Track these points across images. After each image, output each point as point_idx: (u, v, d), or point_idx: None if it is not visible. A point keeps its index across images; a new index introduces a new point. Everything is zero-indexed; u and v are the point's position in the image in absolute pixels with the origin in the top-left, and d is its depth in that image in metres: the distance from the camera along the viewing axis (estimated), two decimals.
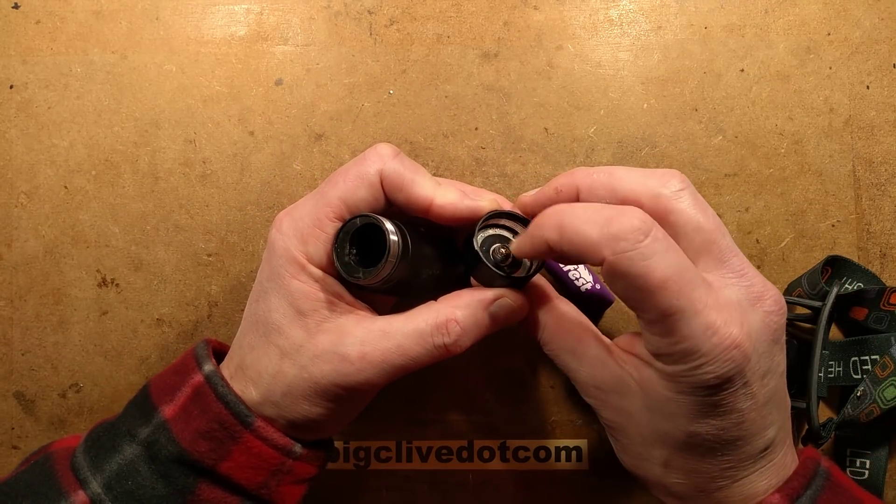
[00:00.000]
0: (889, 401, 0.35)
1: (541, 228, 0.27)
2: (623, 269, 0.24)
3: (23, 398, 0.41)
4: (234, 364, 0.30)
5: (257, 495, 0.29)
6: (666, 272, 0.24)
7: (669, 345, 0.25)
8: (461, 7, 0.41)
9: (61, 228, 0.41)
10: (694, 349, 0.25)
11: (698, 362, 0.25)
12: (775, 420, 0.27)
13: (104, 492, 0.27)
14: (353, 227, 0.28)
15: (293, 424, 0.30)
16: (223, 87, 0.41)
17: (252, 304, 0.31)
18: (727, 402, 0.26)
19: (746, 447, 0.27)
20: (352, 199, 0.29)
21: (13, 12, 0.42)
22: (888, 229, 0.40)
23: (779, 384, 0.27)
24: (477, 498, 0.40)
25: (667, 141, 0.40)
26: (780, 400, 0.28)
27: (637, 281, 0.24)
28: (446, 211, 0.30)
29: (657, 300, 0.24)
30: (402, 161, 0.30)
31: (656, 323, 0.25)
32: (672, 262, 0.24)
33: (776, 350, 0.27)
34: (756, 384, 0.26)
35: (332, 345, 0.29)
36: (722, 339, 0.25)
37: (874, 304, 0.37)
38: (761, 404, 0.26)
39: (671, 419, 0.27)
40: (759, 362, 0.26)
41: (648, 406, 0.28)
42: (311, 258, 0.29)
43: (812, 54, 0.41)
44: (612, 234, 0.24)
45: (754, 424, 0.26)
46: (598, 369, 0.29)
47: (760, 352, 0.26)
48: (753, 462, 0.27)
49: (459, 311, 0.29)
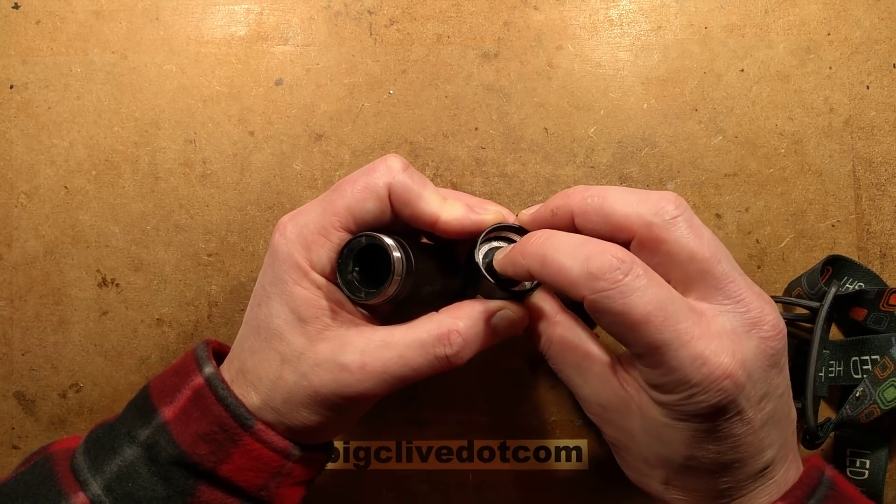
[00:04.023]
0: (889, 402, 0.35)
1: (524, 257, 0.27)
2: (603, 307, 0.25)
3: (23, 398, 0.41)
4: (234, 368, 0.30)
5: (257, 497, 0.29)
6: (647, 308, 0.24)
7: (659, 376, 0.26)
8: (461, 7, 0.41)
9: (61, 228, 0.41)
10: (684, 380, 0.25)
11: (689, 392, 0.25)
12: (774, 440, 0.27)
13: (104, 493, 0.27)
14: (357, 245, 0.28)
15: (292, 430, 0.29)
16: (223, 87, 0.41)
17: (253, 307, 0.31)
18: (722, 428, 0.26)
19: (745, 468, 0.27)
20: (359, 211, 0.29)
21: (13, 12, 0.42)
22: (888, 229, 0.40)
23: (778, 405, 0.27)
24: (477, 498, 0.40)
25: (667, 141, 0.40)
26: (780, 419, 0.27)
27: (619, 318, 0.25)
28: (452, 227, 0.30)
29: (641, 335, 0.25)
30: (411, 175, 0.30)
31: (644, 356, 0.26)
32: (653, 297, 0.25)
33: (773, 374, 0.27)
34: (751, 410, 0.26)
35: (333, 353, 0.29)
36: (712, 369, 0.25)
37: (873, 304, 0.37)
38: (758, 428, 0.26)
39: (668, 444, 0.27)
40: (755, 388, 0.26)
41: (647, 429, 0.28)
42: (314, 265, 0.29)
43: (812, 54, 0.40)
44: (591, 274, 0.25)
45: (751, 447, 0.26)
46: (601, 387, 0.29)
47: (756, 378, 0.26)
48: (753, 481, 0.27)
49: (461, 323, 0.29)
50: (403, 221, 0.31)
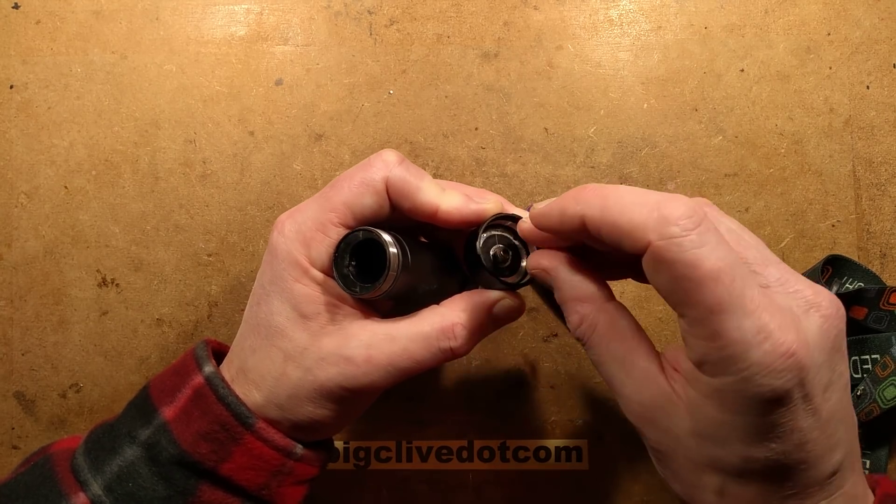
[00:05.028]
0: (889, 400, 0.35)
1: (578, 202, 0.25)
2: (671, 256, 0.22)
3: (23, 398, 0.41)
4: (234, 367, 0.30)
5: (258, 496, 0.29)
6: (717, 264, 0.22)
7: (715, 349, 0.23)
8: (461, 7, 0.41)
9: (61, 228, 0.41)
10: (743, 355, 0.22)
11: (748, 373, 0.22)
12: (842, 440, 0.24)
13: (105, 493, 0.27)
14: (355, 239, 0.28)
15: (297, 426, 0.30)
16: (223, 87, 0.41)
17: (253, 307, 0.31)
18: (786, 420, 0.23)
19: (811, 472, 0.24)
20: (357, 206, 0.29)
21: (13, 12, 0.42)
22: (888, 229, 0.40)
23: (843, 398, 0.24)
24: (477, 498, 0.40)
25: (667, 141, 0.40)
26: (845, 416, 0.24)
27: (685, 270, 0.22)
28: (452, 216, 0.30)
29: (705, 293, 0.22)
30: (407, 168, 0.30)
31: (701, 323, 0.23)
32: (725, 254, 0.22)
33: (837, 359, 0.24)
34: (818, 398, 0.23)
35: (338, 347, 0.29)
36: (775, 345, 0.22)
37: (874, 303, 0.37)
38: (825, 421, 0.23)
39: (723, 444, 0.24)
40: (820, 373, 0.23)
41: (697, 430, 0.25)
42: (313, 262, 0.29)
43: (812, 54, 0.40)
44: (663, 217, 0.22)
45: (818, 445, 0.23)
46: (646, 385, 0.26)
47: (820, 362, 0.23)
48: (820, 489, 0.24)
49: (464, 315, 0.30)
50: (402, 216, 0.31)
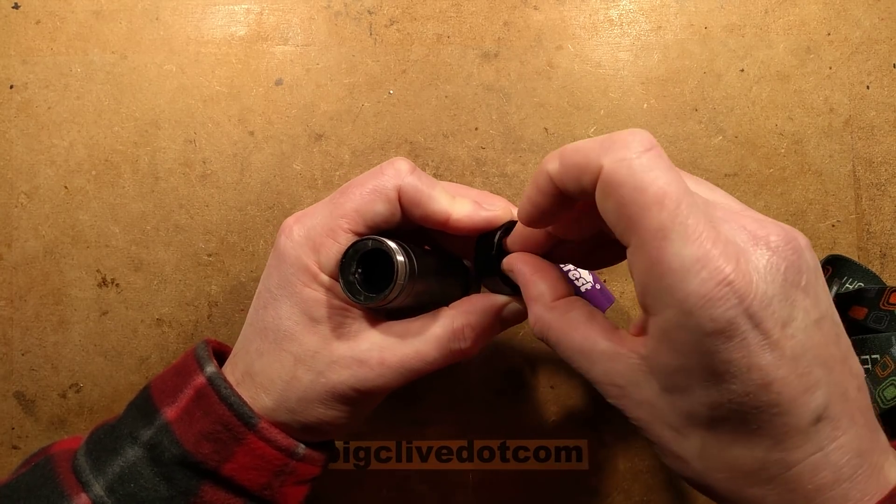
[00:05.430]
0: (889, 400, 0.35)
1: (542, 167, 0.26)
2: (620, 178, 0.22)
3: (23, 398, 0.41)
4: (239, 370, 0.30)
5: (260, 496, 0.29)
6: (665, 189, 0.22)
7: (655, 279, 0.22)
8: (461, 7, 0.41)
9: (61, 228, 0.41)
10: (679, 285, 0.22)
11: (687, 304, 0.22)
12: (821, 381, 0.23)
13: (106, 494, 0.27)
14: (363, 248, 0.28)
15: (307, 428, 0.30)
16: (223, 87, 0.41)
17: (259, 310, 0.31)
18: (739, 355, 0.22)
19: (787, 417, 0.22)
20: (368, 213, 0.29)
21: (13, 12, 0.42)
22: (888, 229, 0.40)
23: (814, 336, 0.23)
24: (477, 498, 0.40)
25: (667, 141, 0.40)
26: (823, 355, 0.23)
27: (632, 194, 0.22)
28: (463, 224, 0.30)
29: (649, 218, 0.22)
30: (419, 176, 0.30)
31: (642, 248, 0.22)
32: (672, 180, 0.22)
33: (796, 294, 0.23)
34: (775, 332, 0.22)
35: (350, 350, 0.29)
36: (712, 273, 0.21)
37: (874, 303, 0.37)
38: (791, 359, 0.22)
39: (686, 393, 0.24)
40: (772, 305, 0.22)
41: (663, 387, 0.24)
42: (322, 267, 0.29)
43: (812, 54, 0.41)
44: (614, 141, 0.23)
45: (788, 386, 0.22)
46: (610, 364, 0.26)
47: (770, 294, 0.22)
48: (805, 438, 0.23)
49: (474, 317, 0.30)
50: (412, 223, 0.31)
